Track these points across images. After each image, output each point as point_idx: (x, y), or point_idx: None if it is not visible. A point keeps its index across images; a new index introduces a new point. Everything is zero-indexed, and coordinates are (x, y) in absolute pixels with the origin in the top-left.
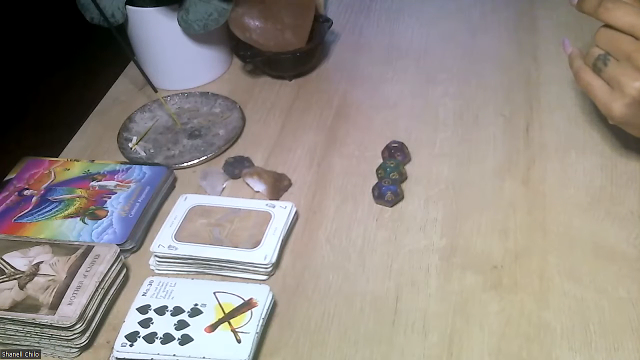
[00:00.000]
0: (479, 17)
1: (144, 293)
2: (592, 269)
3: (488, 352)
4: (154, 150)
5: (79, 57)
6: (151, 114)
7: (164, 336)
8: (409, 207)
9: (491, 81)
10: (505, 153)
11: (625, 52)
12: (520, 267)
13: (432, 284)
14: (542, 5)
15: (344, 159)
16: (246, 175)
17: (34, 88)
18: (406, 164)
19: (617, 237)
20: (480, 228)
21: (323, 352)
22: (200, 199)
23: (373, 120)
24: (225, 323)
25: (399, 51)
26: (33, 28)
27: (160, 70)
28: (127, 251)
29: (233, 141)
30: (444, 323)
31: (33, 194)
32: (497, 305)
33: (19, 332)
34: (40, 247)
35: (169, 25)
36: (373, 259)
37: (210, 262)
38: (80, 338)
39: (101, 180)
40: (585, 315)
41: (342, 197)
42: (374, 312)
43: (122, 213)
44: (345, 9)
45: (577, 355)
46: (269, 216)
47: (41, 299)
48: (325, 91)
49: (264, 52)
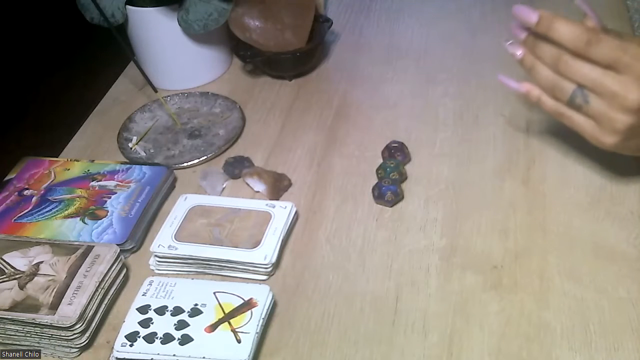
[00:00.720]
0: (479, 17)
1: (144, 293)
2: (592, 269)
3: (488, 352)
4: (154, 150)
5: (79, 57)
6: (151, 114)
7: (164, 336)
8: (409, 207)
9: (491, 81)
10: (505, 153)
11: (610, 90)
12: (520, 267)
13: (432, 284)
14: (542, 6)
15: (344, 159)
16: (246, 175)
17: (34, 88)
18: (406, 164)
19: (617, 237)
20: (480, 228)
21: (323, 352)
22: (200, 199)
23: (373, 120)
24: (225, 323)
25: (399, 51)
26: (33, 28)
27: (160, 70)
28: (127, 251)
29: (233, 141)
30: (444, 323)
31: (33, 194)
32: (497, 305)
33: (19, 332)
34: (40, 247)
35: (169, 25)
36: (373, 259)
37: (210, 262)
38: (80, 338)
39: (101, 180)
40: (585, 315)
41: (342, 197)
42: (374, 312)
43: (122, 213)
44: (345, 9)
45: (577, 355)
46: (269, 216)
47: (41, 299)
48: (325, 91)
49: (264, 52)
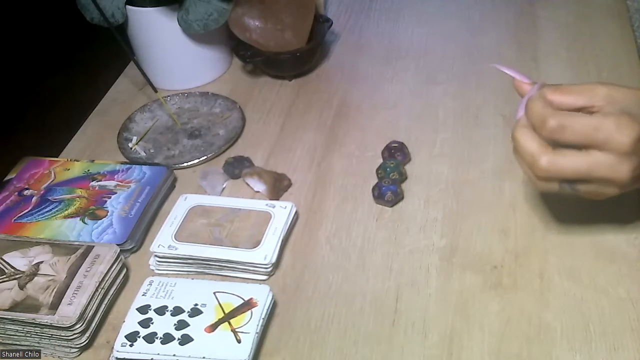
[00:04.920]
0: (479, 17)
1: (144, 293)
2: (592, 269)
3: (488, 352)
4: (154, 150)
5: (79, 58)
6: (151, 114)
7: (164, 336)
8: (409, 207)
9: (491, 81)
10: (505, 153)
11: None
12: (520, 267)
13: (432, 284)
14: (542, 5)
15: (344, 159)
16: (246, 175)
17: (34, 88)
18: (406, 164)
19: (617, 237)
20: (480, 228)
21: (323, 352)
22: (200, 199)
23: (373, 120)
24: (225, 323)
25: (399, 51)
26: (33, 29)
27: (160, 70)
28: (127, 251)
29: (233, 141)
30: (444, 323)
31: (33, 194)
32: (497, 305)
33: (19, 332)
34: (40, 247)
35: (169, 25)
36: (373, 259)
37: (210, 262)
38: (80, 338)
39: (101, 180)
40: (585, 315)
41: (342, 197)
42: (374, 312)
43: (122, 213)
44: (345, 9)
45: (577, 355)
46: (269, 216)
47: (41, 299)
48: (325, 91)
49: (264, 52)
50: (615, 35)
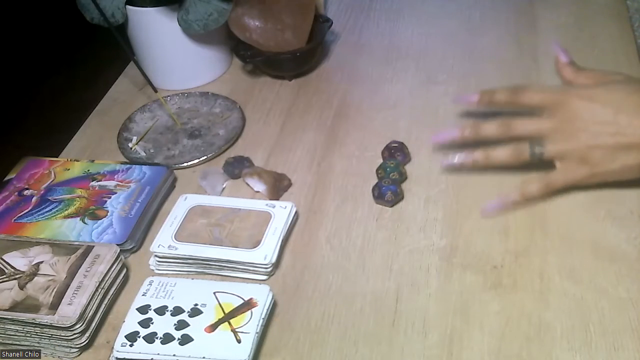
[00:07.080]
0: (479, 17)
1: (144, 293)
2: (592, 269)
3: (488, 352)
4: (154, 150)
5: (79, 58)
6: (151, 114)
7: (164, 336)
8: (409, 207)
9: (491, 81)
10: None
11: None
12: (520, 267)
13: (432, 284)
14: (542, 5)
15: (344, 159)
16: (246, 175)
17: (34, 88)
18: (406, 164)
19: (617, 237)
20: (480, 228)
21: (323, 352)
22: (200, 199)
23: (373, 120)
24: (225, 323)
25: (399, 51)
26: (33, 29)
27: (160, 70)
28: (127, 251)
29: (233, 141)
30: (444, 323)
31: (33, 194)
32: (497, 305)
33: (19, 332)
34: (40, 247)
35: (169, 25)
36: (373, 259)
37: (210, 262)
38: (80, 338)
39: (101, 180)
40: (585, 315)
41: (342, 197)
42: (374, 312)
43: (122, 213)
44: (345, 9)
45: (577, 355)
46: (269, 216)
47: (41, 299)
48: (325, 91)
49: (264, 52)
50: (615, 36)
